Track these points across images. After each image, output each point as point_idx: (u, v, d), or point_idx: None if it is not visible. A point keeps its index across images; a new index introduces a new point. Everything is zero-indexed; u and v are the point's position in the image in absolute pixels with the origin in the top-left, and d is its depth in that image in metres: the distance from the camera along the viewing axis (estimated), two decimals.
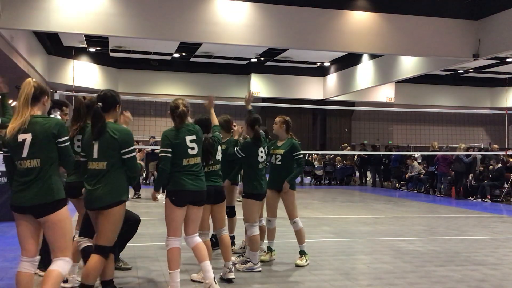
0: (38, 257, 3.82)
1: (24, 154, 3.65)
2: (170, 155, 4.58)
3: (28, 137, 3.64)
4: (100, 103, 4.16)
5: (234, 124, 6.25)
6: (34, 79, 3.90)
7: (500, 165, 15.20)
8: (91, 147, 4.14)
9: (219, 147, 5.34)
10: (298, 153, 6.04)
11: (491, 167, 15.38)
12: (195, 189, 4.63)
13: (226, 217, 5.82)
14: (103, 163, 4.10)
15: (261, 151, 5.68)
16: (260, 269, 5.69)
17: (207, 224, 5.23)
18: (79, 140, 4.70)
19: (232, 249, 6.23)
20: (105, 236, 4.11)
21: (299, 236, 6.10)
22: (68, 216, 3.80)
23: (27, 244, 3.73)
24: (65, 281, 4.77)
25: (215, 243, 6.14)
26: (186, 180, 4.60)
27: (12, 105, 4.63)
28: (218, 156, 5.29)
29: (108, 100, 4.23)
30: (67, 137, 3.79)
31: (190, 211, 4.69)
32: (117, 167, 4.14)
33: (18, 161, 3.69)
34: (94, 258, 4.11)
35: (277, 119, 6.19)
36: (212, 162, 5.19)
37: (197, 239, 4.78)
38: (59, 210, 3.71)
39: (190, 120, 4.89)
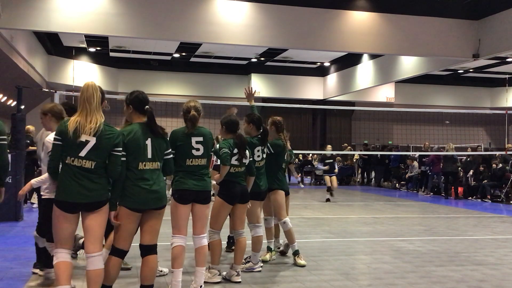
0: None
1: (82, 154, 3.81)
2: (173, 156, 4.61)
3: (92, 140, 3.82)
4: (148, 106, 4.21)
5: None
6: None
7: (501, 165, 15.18)
8: (144, 147, 4.13)
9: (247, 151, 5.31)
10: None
11: (494, 165, 15.35)
12: (198, 189, 4.67)
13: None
14: (157, 163, 4.20)
15: (258, 150, 5.64)
16: (260, 269, 5.68)
17: (221, 224, 5.21)
18: None
19: (232, 249, 6.23)
20: (156, 235, 4.25)
21: (290, 236, 6.08)
22: None
23: (70, 240, 3.96)
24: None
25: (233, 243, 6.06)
26: (189, 180, 4.64)
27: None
28: (246, 160, 5.25)
29: (149, 103, 4.30)
30: (121, 148, 3.97)
31: (195, 209, 4.72)
32: (161, 169, 4.28)
33: (72, 157, 3.81)
34: (153, 259, 4.22)
35: (268, 120, 6.20)
36: (238, 164, 5.18)
37: (204, 241, 4.79)
38: (107, 203, 3.98)
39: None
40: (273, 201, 6.06)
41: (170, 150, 4.38)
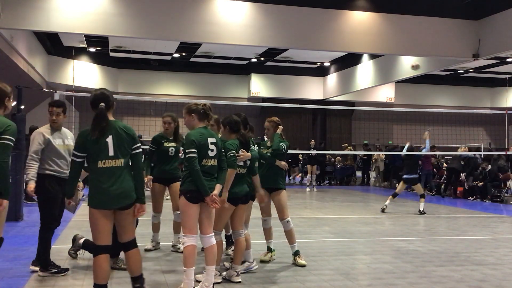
0: None
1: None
2: (196, 155, 4.61)
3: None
4: (103, 103, 4.17)
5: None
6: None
7: (490, 166, 15.13)
8: (104, 145, 4.11)
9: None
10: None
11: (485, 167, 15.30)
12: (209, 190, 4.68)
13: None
14: (121, 160, 4.15)
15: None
16: (257, 266, 5.68)
17: (223, 225, 5.23)
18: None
19: (231, 248, 6.21)
20: (132, 230, 4.34)
21: (290, 236, 6.08)
22: None
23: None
24: None
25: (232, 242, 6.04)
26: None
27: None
28: (248, 161, 5.31)
29: (108, 99, 4.27)
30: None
31: (203, 208, 4.71)
32: (128, 165, 4.23)
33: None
34: (136, 252, 4.39)
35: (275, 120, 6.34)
36: (242, 165, 5.21)
37: (212, 240, 4.78)
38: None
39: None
40: (277, 200, 6.07)
41: (139, 145, 4.32)
